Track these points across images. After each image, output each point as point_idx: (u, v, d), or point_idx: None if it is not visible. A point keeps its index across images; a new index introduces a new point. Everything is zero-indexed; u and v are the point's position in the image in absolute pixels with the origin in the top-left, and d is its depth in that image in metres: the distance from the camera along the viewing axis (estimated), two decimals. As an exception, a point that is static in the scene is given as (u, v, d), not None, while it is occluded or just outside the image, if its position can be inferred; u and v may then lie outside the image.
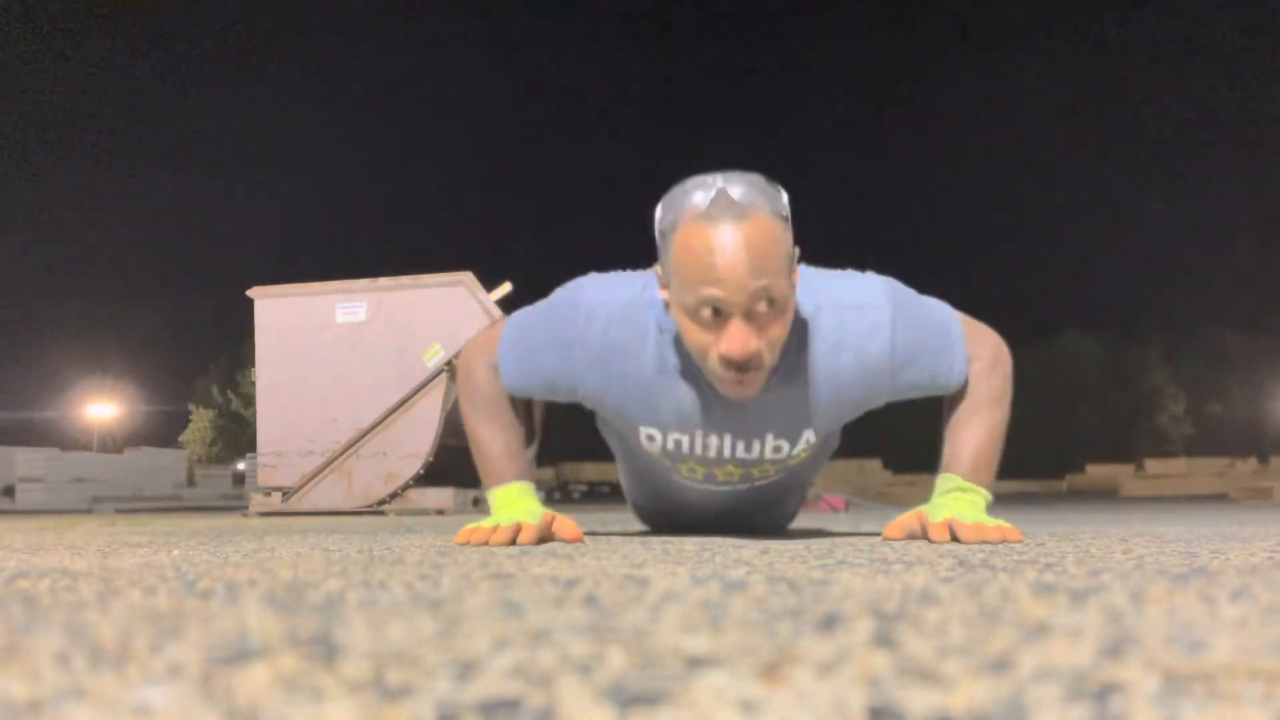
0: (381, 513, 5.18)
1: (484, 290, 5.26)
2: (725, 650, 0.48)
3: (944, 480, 1.57)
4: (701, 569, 0.99)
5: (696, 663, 0.45)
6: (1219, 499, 14.16)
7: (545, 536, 1.56)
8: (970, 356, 1.60)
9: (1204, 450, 33.30)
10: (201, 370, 42.21)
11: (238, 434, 37.61)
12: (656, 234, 1.41)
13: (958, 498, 1.53)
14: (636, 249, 1.63)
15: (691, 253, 1.32)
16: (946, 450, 1.60)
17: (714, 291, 1.31)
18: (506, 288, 5.44)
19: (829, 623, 0.58)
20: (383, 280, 5.36)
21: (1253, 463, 21.94)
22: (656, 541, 1.60)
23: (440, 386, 5.13)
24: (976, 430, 1.57)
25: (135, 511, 7.73)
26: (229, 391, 39.32)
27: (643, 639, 0.52)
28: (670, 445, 1.62)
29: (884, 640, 0.51)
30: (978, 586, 0.79)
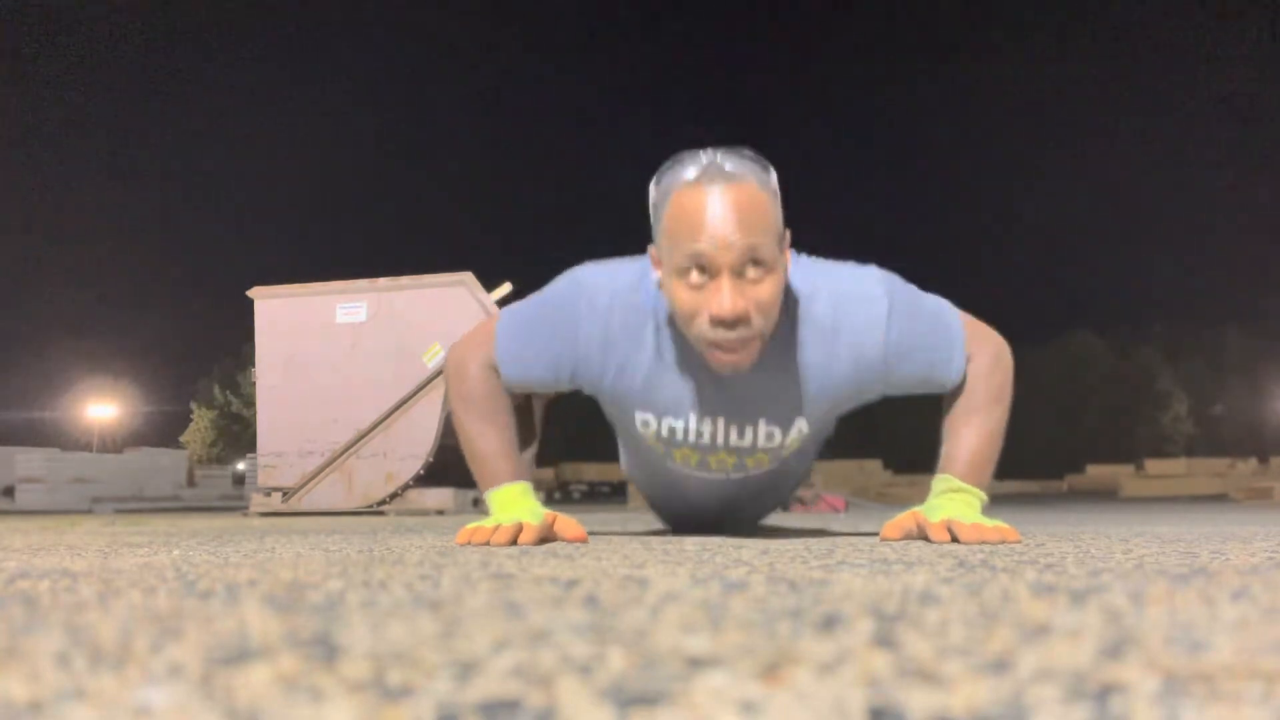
0: (381, 513, 5.18)
1: (484, 290, 5.26)
2: (725, 651, 0.48)
3: (940, 481, 1.57)
4: (701, 569, 0.99)
5: (696, 663, 0.45)
6: (1219, 499, 14.15)
7: (547, 536, 1.55)
8: (970, 355, 1.59)
9: (1204, 450, 33.30)
10: (205, 371, 42.26)
11: (239, 434, 37.62)
12: (650, 210, 1.42)
13: (954, 498, 1.53)
14: (636, 249, 1.64)
15: (682, 213, 1.34)
16: (944, 450, 1.59)
17: (702, 247, 1.32)
18: (506, 288, 5.45)
19: (829, 623, 0.58)
20: (383, 280, 5.36)
21: (1253, 463, 21.93)
22: (656, 542, 1.60)
23: (440, 387, 5.13)
24: (974, 431, 1.57)
25: (135, 511, 7.73)
26: (228, 393, 39.31)
27: (643, 639, 0.52)
28: (664, 432, 1.62)
29: (884, 640, 0.51)
30: (978, 587, 0.79)
